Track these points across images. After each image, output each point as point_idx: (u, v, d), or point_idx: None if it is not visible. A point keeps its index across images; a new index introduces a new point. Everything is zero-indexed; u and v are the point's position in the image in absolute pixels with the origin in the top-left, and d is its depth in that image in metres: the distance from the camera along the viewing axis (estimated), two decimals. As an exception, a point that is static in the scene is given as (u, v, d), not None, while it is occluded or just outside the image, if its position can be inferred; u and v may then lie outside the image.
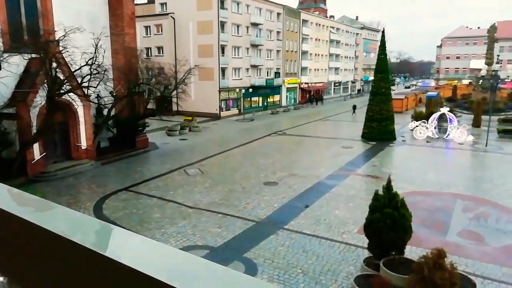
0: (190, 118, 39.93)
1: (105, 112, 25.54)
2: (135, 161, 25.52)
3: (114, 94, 25.80)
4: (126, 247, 0.64)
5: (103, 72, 21.95)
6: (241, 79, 51.79)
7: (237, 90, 51.08)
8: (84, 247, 0.59)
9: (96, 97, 24.32)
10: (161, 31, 49.55)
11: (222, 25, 47.34)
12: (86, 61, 20.92)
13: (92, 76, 21.52)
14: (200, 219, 15.19)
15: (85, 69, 21.14)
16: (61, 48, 20.08)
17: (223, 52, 48.27)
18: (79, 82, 21.32)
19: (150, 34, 50.19)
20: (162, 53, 48.78)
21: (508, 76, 60.30)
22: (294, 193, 18.25)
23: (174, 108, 44.88)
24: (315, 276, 10.90)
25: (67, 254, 0.62)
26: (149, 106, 31.04)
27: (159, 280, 0.50)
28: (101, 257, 0.57)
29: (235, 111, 51.33)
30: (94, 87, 22.30)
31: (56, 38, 20.32)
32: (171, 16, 48.43)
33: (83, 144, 23.62)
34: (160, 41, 49.59)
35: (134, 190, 19.02)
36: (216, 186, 19.57)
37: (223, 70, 48.65)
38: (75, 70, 20.85)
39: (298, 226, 14.43)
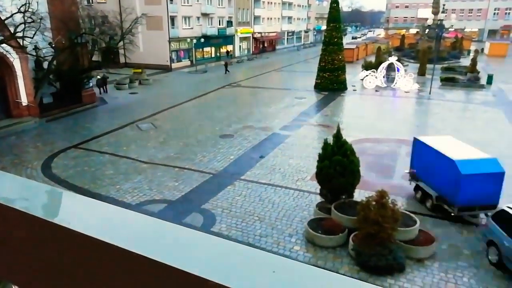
0: (140, 70, 38.13)
1: (45, 65, 23.68)
2: (82, 117, 24.35)
3: (54, 45, 23.84)
4: (76, 212, 0.63)
5: (38, 20, 20.05)
6: (192, 28, 49.63)
7: (188, 40, 49.08)
8: (30, 214, 0.57)
9: (33, 49, 22.38)
10: (102, -25, 45.49)
11: (169, -31, 44.24)
12: (18, 8, 18.95)
13: (26, 25, 19.63)
14: (155, 173, 15.09)
15: (18, 17, 19.21)
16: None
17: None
18: (12, 32, 19.42)
19: (89, -22, 45.96)
20: (105, 0, 45.19)
21: (452, 25, 62.62)
22: (250, 145, 18.49)
23: (122, 60, 42.44)
24: (271, 222, 11.42)
25: (11, 223, 0.59)
26: (94, 58, 29.16)
27: (112, 244, 0.50)
28: (50, 225, 0.55)
29: (187, 62, 49.64)
30: (30, 37, 20.43)
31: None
32: (112, -42, 44.34)
33: (24, 100, 22.01)
34: (101, -14, 45.67)
35: (84, 147, 18.33)
36: (171, 140, 19.32)
37: (172, 19, 46.21)
38: (6, 18, 18.91)
39: (254, 176, 14.79)
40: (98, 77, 29.53)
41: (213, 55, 54.93)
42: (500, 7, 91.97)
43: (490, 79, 34.54)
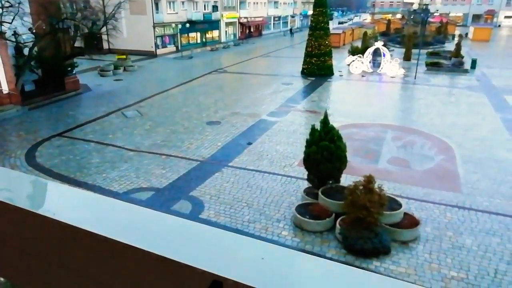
0: (124, 56, 37.42)
1: (26, 51, 23.03)
2: (66, 104, 23.89)
3: (34, 31, 23.16)
4: (61, 203, 0.62)
5: (17, 4, 19.42)
6: (176, 13, 48.74)
7: (173, 25, 48.26)
8: (13, 205, 0.56)
9: (12, 35, 21.72)
10: (82, -42, 44.10)
11: (152, -49, 43.14)
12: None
13: (4, 10, 18.99)
14: (142, 161, 14.98)
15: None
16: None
17: (155, -17, 44.59)
18: (-10, 17, 18.79)
19: (69, -39, 44.51)
20: (86, -16, 43.93)
21: (437, 10, 62.92)
22: (237, 131, 18.46)
23: (106, 46, 41.60)
24: (260, 208, 11.50)
25: None
26: (77, 44, 28.47)
27: (99, 234, 0.50)
28: (35, 215, 0.54)
29: (172, 48, 48.90)
30: (8, 22, 19.81)
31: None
32: None
33: (4, 88, 21.44)
34: (82, -30, 44.32)
35: (69, 136, 18.04)
36: (157, 127, 19.15)
37: (156, 4, 45.28)
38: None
39: (242, 162, 14.82)
40: None
41: (198, 41, 54.20)
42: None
43: (474, 63, 34.98)
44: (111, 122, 20.30)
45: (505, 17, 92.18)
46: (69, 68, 26.19)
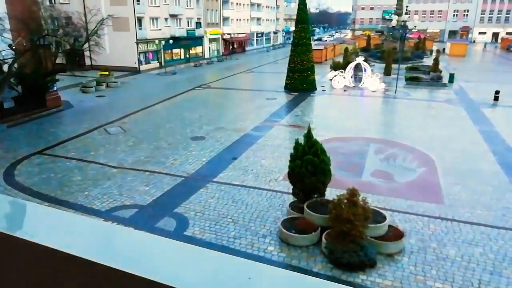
0: (107, 73, 37.17)
1: (5, 68, 22.63)
2: (47, 121, 23.46)
3: (14, 47, 22.83)
4: (40, 225, 0.60)
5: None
6: (160, 29, 48.93)
7: (157, 41, 48.36)
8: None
9: (-8, 51, 21.37)
10: (64, -25, 44.08)
11: (135, -31, 43.44)
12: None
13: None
14: (126, 178, 14.74)
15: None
16: None
17: (138, 0, 44.77)
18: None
19: (51, -22, 44.42)
20: (68, 1, 43.81)
21: (415, 26, 64.66)
22: (222, 146, 18.42)
23: (88, 62, 41.29)
24: (245, 224, 11.41)
25: None
26: (58, 60, 28.13)
27: (79, 257, 0.48)
28: (12, 239, 0.52)
29: (155, 64, 48.89)
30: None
31: None
32: (74, -43, 43.07)
33: (-18, 105, 20.97)
34: (64, -14, 44.28)
35: (50, 153, 17.66)
36: (141, 143, 18.95)
37: (139, 20, 45.40)
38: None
39: (227, 178, 14.74)
40: None
41: (182, 57, 54.38)
42: (458, 9, 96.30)
43: (451, 78, 36.05)
44: (93, 139, 20.00)
45: (479, 33, 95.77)
46: (50, 84, 25.81)
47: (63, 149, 18.29)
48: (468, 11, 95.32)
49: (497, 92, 28.49)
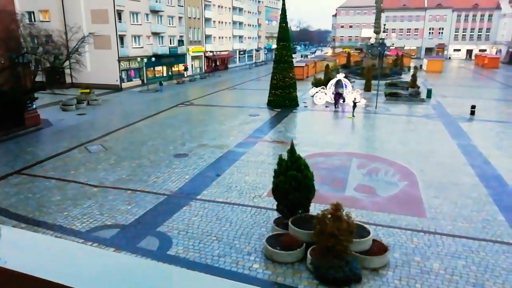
0: (88, 90, 36.78)
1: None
2: (25, 140, 22.92)
3: (-8, 65, 22.42)
4: (14, 250, 0.58)
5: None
6: (142, 47, 48.92)
7: (139, 59, 48.27)
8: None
9: (-32, 70, 20.91)
10: (45, -7, 43.88)
11: (116, -12, 43.62)
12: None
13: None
14: (107, 197, 14.44)
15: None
16: None
17: (120, 18, 44.80)
18: None
19: (31, -4, 44.14)
20: (49, 19, 43.50)
21: (393, 44, 66.73)
22: (205, 163, 18.31)
23: (68, 80, 40.82)
24: (229, 242, 11.27)
25: None
26: (38, 78, 27.72)
27: (54, 282, 0.47)
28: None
29: (137, 81, 48.69)
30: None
31: None
32: (55, -24, 43.03)
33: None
34: (44, 4, 44.03)
35: (28, 173, 17.20)
36: (122, 162, 18.67)
37: (121, 38, 45.33)
38: None
39: (210, 195, 14.61)
40: None
41: (165, 74, 54.35)
42: (434, 27, 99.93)
43: (429, 93, 37.06)
44: (73, 157, 19.61)
45: (454, 50, 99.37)
46: (28, 102, 25.33)
47: (42, 168, 17.85)
48: (443, 29, 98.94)
49: (473, 107, 29.41)
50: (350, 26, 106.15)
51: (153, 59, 48.88)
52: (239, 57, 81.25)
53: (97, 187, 15.44)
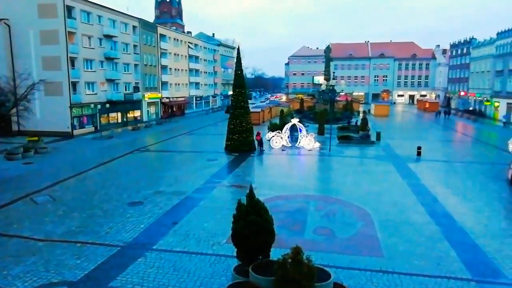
0: (36, 138, 35.06)
1: None
2: (-38, 193, 21.12)
3: None
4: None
5: None
6: (96, 94, 48.15)
7: (92, 105, 47.27)
8: None
9: None
10: (-7, 39, 42.62)
11: (70, 35, 43.37)
12: None
13: None
14: (54, 252, 13.41)
15: None
16: None
17: (73, 65, 44.17)
18: None
19: (-23, 42, 42.66)
20: (-5, 65, 41.98)
21: (342, 90, 70.58)
22: (161, 211, 17.72)
23: (15, 127, 38.93)
24: (188, 293, 10.73)
25: None
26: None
27: None
28: None
29: (90, 128, 47.36)
30: None
31: None
32: (4, 23, 42.16)
33: None
34: (-9, 51, 42.60)
35: (-37, 229, 15.69)
36: (72, 212, 17.62)
37: (74, 85, 44.46)
38: None
39: (167, 244, 14.03)
40: None
41: (119, 120, 53.41)
42: (378, 75, 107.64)
43: (378, 136, 39.09)
44: (17, 210, 18.25)
45: (398, 95, 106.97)
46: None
47: (-20, 223, 16.38)
48: (387, 76, 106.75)
49: (419, 148, 31.30)
50: (302, 74, 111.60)
51: (108, 105, 48.08)
52: (196, 103, 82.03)
53: (43, 241, 14.34)
